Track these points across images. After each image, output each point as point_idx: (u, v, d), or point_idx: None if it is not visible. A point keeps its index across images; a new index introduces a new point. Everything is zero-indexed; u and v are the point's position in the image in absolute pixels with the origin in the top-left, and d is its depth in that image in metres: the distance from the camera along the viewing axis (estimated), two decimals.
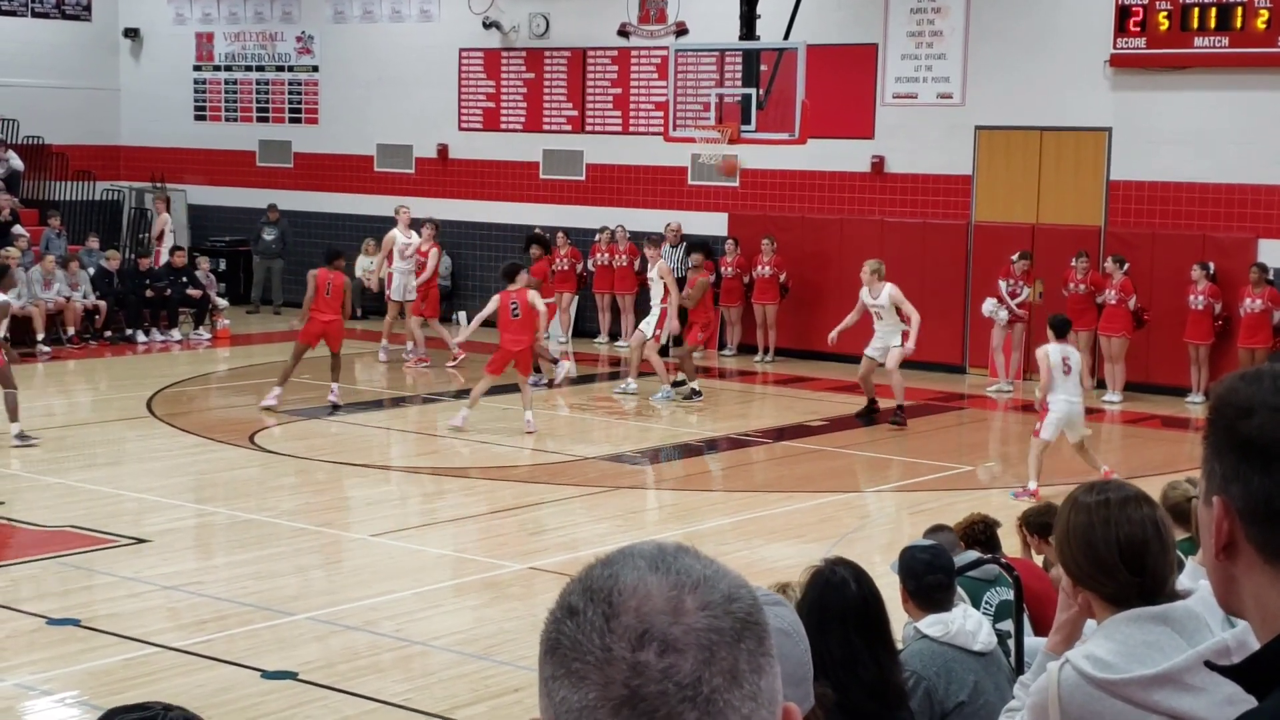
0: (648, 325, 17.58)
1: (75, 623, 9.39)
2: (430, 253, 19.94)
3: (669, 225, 21.37)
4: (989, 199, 19.87)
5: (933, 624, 5.11)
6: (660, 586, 1.38)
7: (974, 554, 6.57)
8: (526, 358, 15.68)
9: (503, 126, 23.50)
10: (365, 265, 24.28)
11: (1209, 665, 2.02)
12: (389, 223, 24.55)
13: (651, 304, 17.90)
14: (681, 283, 18.59)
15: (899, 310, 15.95)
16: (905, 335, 15.89)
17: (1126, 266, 18.12)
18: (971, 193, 19.99)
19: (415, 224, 20.54)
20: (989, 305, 18.53)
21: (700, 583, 1.39)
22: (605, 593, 1.38)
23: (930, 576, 5.17)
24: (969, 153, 19.91)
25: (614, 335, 21.87)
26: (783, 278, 20.56)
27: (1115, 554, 3.10)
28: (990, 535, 7.11)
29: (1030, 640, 5.72)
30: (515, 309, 15.32)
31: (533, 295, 15.53)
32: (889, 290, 15.95)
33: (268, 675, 8.49)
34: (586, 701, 1.35)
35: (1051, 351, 12.89)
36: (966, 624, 5.13)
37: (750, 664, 1.38)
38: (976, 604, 6.06)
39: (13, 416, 14.17)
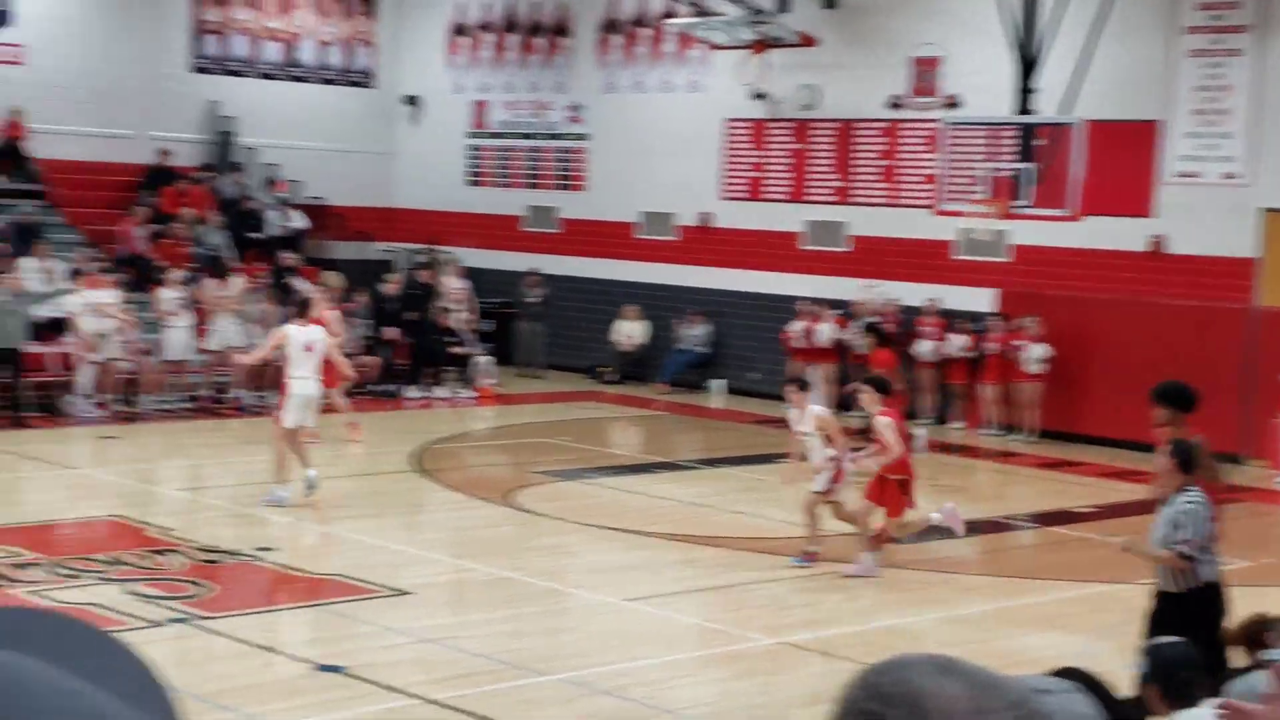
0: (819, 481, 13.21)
1: (340, 670, 9.58)
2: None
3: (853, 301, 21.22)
4: (1277, 283, 18.94)
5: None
6: (957, 688, 1.36)
7: None
8: None
9: (765, 196, 23.51)
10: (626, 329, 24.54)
11: None
12: (650, 289, 24.79)
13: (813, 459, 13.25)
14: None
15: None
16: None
17: None
18: (1253, 276, 19.10)
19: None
20: None
21: (994, 684, 1.38)
22: (909, 697, 1.34)
23: (1183, 673, 5.15)
24: (1252, 234, 19.05)
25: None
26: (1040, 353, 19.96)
27: None
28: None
29: None
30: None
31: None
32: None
33: None
34: None
35: None
36: None
37: None
38: None
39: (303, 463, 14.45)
